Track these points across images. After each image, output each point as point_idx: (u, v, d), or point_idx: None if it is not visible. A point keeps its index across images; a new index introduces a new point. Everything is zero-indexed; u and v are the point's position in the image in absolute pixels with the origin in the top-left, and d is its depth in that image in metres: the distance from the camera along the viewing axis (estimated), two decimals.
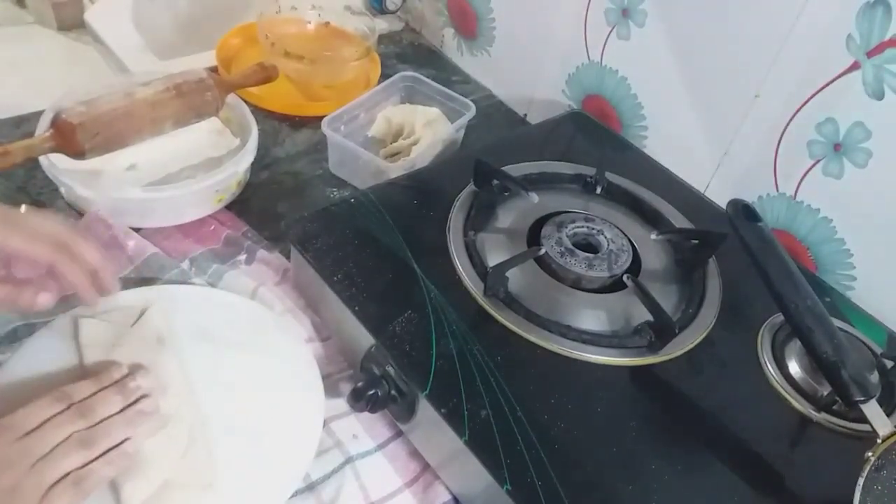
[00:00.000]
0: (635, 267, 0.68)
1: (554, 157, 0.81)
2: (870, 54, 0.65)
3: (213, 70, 0.89)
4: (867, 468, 0.51)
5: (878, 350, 0.66)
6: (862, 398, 0.54)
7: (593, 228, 0.70)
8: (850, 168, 0.70)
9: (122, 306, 0.62)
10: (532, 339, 0.61)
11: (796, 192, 0.76)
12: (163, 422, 0.53)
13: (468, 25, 1.06)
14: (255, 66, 0.82)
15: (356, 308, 0.61)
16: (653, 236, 0.72)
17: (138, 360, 0.58)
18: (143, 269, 0.68)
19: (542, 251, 0.66)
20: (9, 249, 0.52)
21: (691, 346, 0.63)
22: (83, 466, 0.47)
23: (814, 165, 0.73)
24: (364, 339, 0.60)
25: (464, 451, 0.53)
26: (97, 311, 0.62)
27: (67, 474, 0.47)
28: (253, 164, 0.77)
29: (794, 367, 0.63)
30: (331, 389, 0.62)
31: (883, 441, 0.52)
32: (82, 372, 0.57)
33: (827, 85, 0.69)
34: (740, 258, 0.62)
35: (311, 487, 0.57)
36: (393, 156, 0.86)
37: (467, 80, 1.08)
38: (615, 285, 0.66)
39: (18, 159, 0.65)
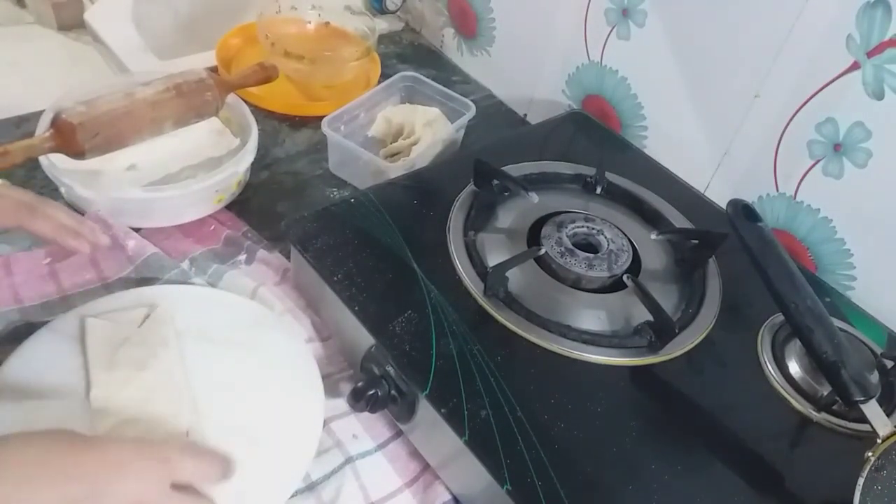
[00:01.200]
0: (635, 267, 0.68)
1: (554, 157, 0.81)
2: (870, 54, 0.65)
3: (213, 70, 0.89)
4: (867, 468, 0.51)
5: (878, 350, 0.66)
6: (862, 398, 0.54)
7: (593, 228, 0.70)
8: (850, 168, 0.70)
9: (129, 306, 0.62)
10: (532, 339, 0.61)
11: (796, 192, 0.76)
12: None
13: (468, 25, 1.06)
14: (255, 66, 0.82)
15: (356, 308, 0.61)
16: (653, 236, 0.72)
17: (145, 361, 0.58)
18: (143, 269, 0.68)
19: (542, 251, 0.66)
20: None
21: (691, 346, 0.63)
22: None
23: (814, 165, 0.73)
24: (364, 339, 0.60)
25: (464, 451, 0.53)
26: (101, 311, 0.62)
27: None
28: (253, 164, 0.77)
29: (794, 367, 0.63)
30: (331, 389, 0.62)
31: (883, 441, 0.52)
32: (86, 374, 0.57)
33: (827, 85, 0.69)
34: (740, 258, 0.62)
35: (311, 487, 0.57)
36: (393, 156, 0.86)
37: (467, 80, 1.08)
38: (615, 285, 0.66)
39: (18, 159, 0.65)
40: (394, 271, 0.64)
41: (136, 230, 0.72)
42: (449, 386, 0.56)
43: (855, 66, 0.66)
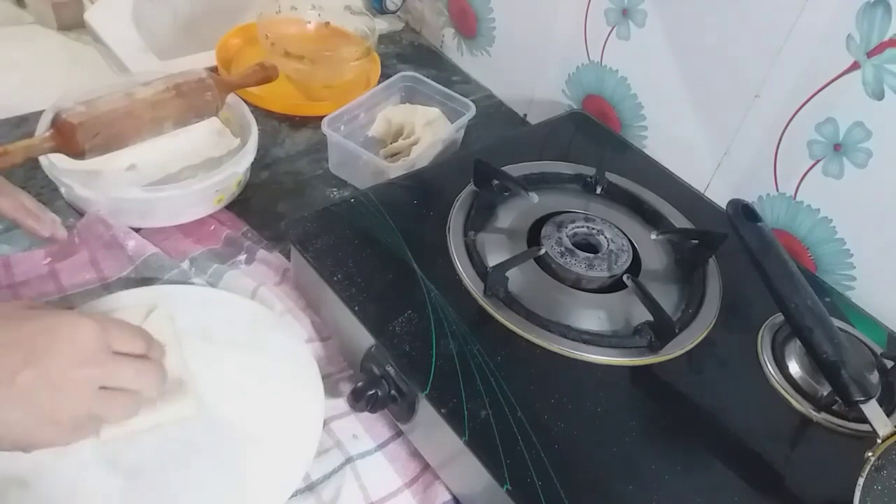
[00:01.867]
0: (635, 267, 0.68)
1: (554, 157, 0.81)
2: (870, 54, 0.65)
3: (213, 70, 0.89)
4: (867, 468, 0.51)
5: (878, 350, 0.66)
6: (862, 398, 0.54)
7: (593, 228, 0.70)
8: (850, 168, 0.70)
9: (129, 306, 0.62)
10: (532, 339, 0.61)
11: (796, 192, 0.76)
12: None
13: (468, 25, 1.06)
14: (255, 66, 0.82)
15: (356, 308, 0.61)
16: (653, 236, 0.72)
17: None
18: (143, 269, 0.68)
19: (542, 251, 0.66)
20: None
21: (691, 346, 0.63)
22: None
23: (814, 165, 0.73)
24: (364, 339, 0.60)
25: (464, 451, 0.53)
26: (101, 311, 0.62)
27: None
28: (253, 164, 0.77)
29: (794, 367, 0.63)
30: (331, 389, 0.62)
31: (883, 441, 0.52)
32: None
33: (827, 85, 0.69)
34: (740, 258, 0.62)
35: (311, 487, 0.57)
36: (393, 156, 0.86)
37: (467, 80, 1.08)
38: (615, 285, 0.66)
39: (18, 159, 0.65)
40: (394, 271, 0.64)
41: (136, 230, 0.72)
42: (449, 386, 0.56)
43: (855, 66, 0.66)
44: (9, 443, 0.45)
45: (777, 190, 0.77)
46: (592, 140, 0.88)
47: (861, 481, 0.50)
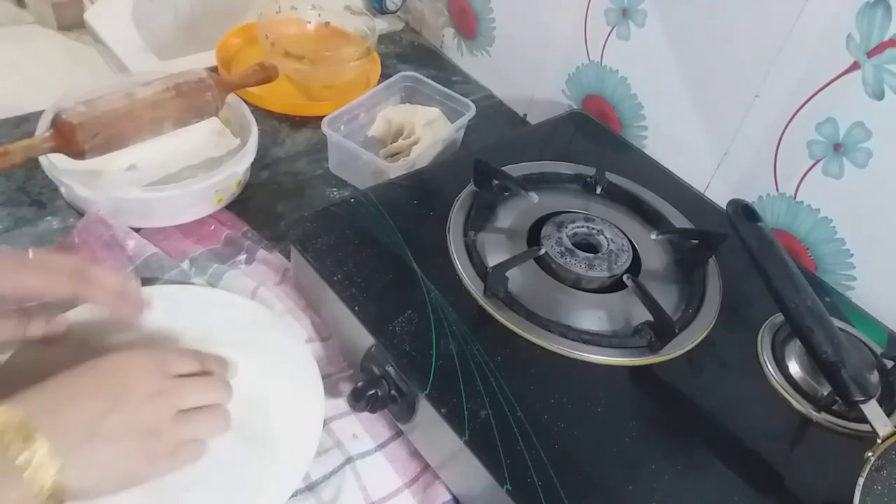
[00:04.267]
0: (635, 267, 0.68)
1: (554, 157, 0.81)
2: (870, 54, 0.65)
3: (213, 70, 0.89)
4: (867, 468, 0.51)
5: (878, 350, 0.66)
6: (862, 398, 0.54)
7: (593, 228, 0.70)
8: (850, 168, 0.70)
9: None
10: (532, 339, 0.61)
11: (796, 192, 0.76)
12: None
13: (468, 25, 1.06)
14: (255, 66, 0.82)
15: (356, 308, 0.61)
16: (653, 236, 0.72)
17: None
18: (143, 269, 0.68)
19: (542, 251, 0.66)
20: (29, 289, 0.53)
21: (691, 346, 0.63)
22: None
23: (814, 165, 0.73)
24: (364, 339, 0.60)
25: (464, 451, 0.53)
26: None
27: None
28: (253, 164, 0.77)
29: (794, 367, 0.63)
30: (331, 389, 0.62)
31: (883, 441, 0.52)
32: None
33: (827, 85, 0.69)
34: (740, 258, 0.62)
35: (311, 487, 0.57)
36: (393, 156, 0.86)
37: (467, 80, 1.08)
38: (615, 285, 0.66)
39: (18, 159, 0.65)
40: (394, 271, 0.64)
41: (136, 230, 0.72)
42: (449, 386, 0.56)
43: (855, 66, 0.66)
44: (112, 485, 0.46)
45: (777, 190, 0.77)
46: (592, 140, 0.88)
47: (861, 481, 0.50)
